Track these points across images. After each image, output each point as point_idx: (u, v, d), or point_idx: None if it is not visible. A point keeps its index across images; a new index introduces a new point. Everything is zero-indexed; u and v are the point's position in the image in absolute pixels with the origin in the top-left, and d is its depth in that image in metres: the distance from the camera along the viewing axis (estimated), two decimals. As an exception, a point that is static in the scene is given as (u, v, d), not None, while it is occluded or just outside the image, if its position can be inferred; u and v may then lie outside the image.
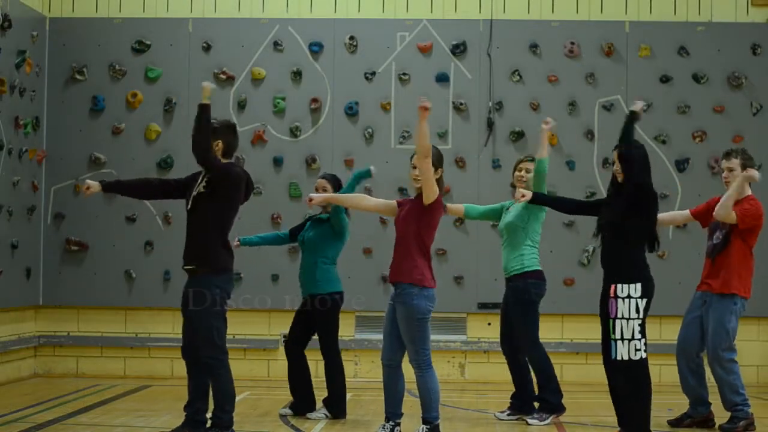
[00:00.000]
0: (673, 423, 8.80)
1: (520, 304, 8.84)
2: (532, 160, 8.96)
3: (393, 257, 7.64)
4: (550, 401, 8.84)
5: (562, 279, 11.57)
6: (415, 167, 7.57)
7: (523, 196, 8.33)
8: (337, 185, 9.08)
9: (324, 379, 9.00)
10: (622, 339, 7.58)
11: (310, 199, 8.04)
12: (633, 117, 7.78)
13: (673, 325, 9.90)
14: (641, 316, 7.64)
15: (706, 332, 8.55)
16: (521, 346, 8.90)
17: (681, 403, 9.78)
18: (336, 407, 8.92)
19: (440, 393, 7.66)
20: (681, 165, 11.66)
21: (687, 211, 9.04)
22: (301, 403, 9.05)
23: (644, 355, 7.63)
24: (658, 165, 11.07)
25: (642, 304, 7.63)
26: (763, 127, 11.67)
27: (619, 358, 7.60)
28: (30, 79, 11.40)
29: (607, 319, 7.68)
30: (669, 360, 10.31)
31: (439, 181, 7.62)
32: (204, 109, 7.35)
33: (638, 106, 7.83)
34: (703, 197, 10.16)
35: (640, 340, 7.61)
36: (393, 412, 7.72)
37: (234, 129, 7.69)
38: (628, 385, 7.63)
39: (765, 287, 11.54)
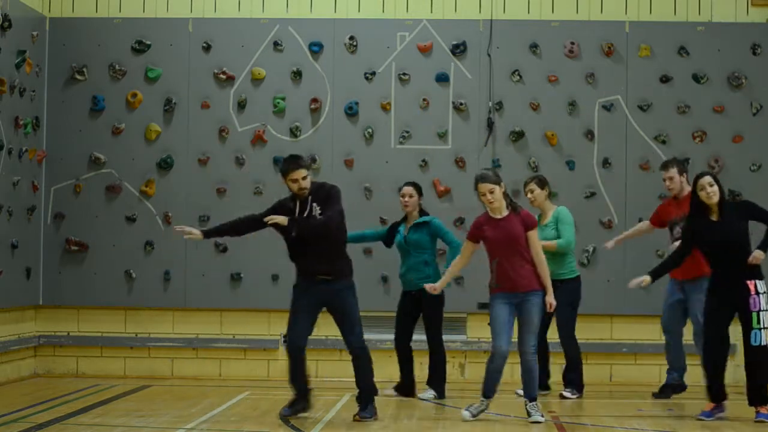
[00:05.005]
0: (657, 395, 10.11)
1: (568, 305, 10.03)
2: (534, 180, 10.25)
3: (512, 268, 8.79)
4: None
5: (562, 279, 11.56)
6: (483, 194, 8.72)
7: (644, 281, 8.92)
8: (419, 190, 10.25)
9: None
10: (763, 328, 8.54)
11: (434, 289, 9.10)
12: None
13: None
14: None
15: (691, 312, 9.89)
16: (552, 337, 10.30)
17: (680, 403, 9.80)
18: (440, 388, 10.06)
19: None
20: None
21: (648, 222, 10.47)
22: (407, 386, 10.20)
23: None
24: (658, 165, 11.07)
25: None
26: (763, 127, 11.65)
27: (763, 343, 8.53)
28: (30, 79, 11.40)
29: (749, 312, 8.58)
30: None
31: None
32: (298, 226, 8.82)
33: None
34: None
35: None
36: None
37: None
38: (763, 365, 8.55)
39: (765, 287, 11.55)
